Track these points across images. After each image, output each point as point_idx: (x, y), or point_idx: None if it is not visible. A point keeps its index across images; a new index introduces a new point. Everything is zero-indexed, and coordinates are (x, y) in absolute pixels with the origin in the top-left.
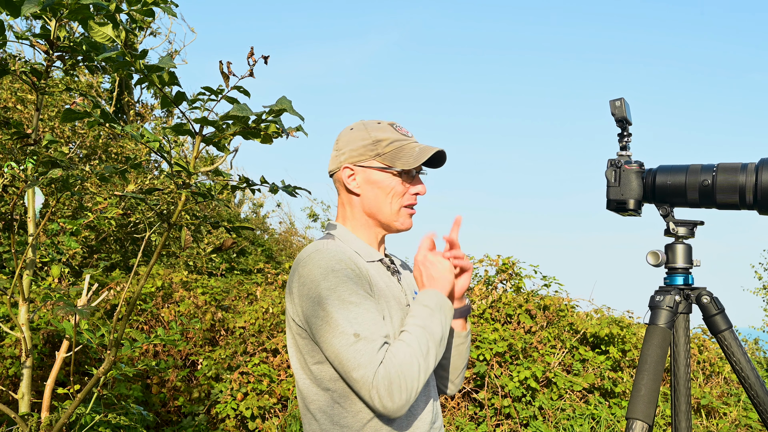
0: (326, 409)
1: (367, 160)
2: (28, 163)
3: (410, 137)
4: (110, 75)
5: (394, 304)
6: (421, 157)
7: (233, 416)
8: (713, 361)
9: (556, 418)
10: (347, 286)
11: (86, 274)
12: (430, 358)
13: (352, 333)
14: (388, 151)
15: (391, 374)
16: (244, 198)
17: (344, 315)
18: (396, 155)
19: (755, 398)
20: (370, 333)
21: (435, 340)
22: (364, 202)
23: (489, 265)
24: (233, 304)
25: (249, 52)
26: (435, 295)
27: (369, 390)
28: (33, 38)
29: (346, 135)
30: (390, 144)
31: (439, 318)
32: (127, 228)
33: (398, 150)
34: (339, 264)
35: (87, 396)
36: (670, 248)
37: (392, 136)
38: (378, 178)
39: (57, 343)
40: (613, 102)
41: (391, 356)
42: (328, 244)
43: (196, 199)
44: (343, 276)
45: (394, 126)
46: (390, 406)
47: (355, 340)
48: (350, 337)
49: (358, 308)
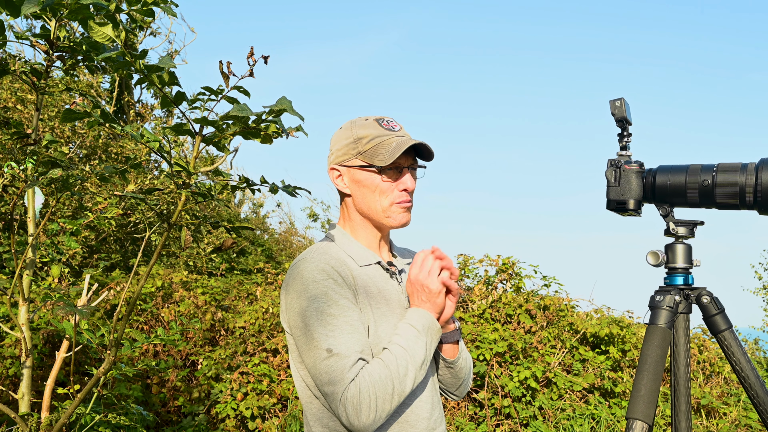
0: (317, 413)
1: (350, 159)
2: (28, 163)
3: (395, 131)
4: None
5: (394, 306)
6: (395, 152)
7: (233, 416)
8: (713, 361)
9: (556, 418)
10: (327, 297)
11: (86, 274)
12: (407, 381)
13: (326, 348)
14: (368, 148)
15: (362, 393)
16: (244, 198)
17: (320, 329)
18: (375, 152)
19: (755, 398)
20: (344, 349)
21: (416, 363)
22: (355, 201)
23: (489, 265)
24: (233, 304)
25: (249, 52)
26: (424, 317)
27: (337, 406)
28: (33, 38)
29: (335, 135)
30: (370, 141)
31: (425, 341)
32: (127, 228)
33: (377, 146)
34: (321, 274)
35: (87, 396)
36: (670, 248)
37: (373, 132)
38: (361, 177)
39: (57, 343)
40: (613, 102)
41: (365, 374)
42: (318, 251)
43: (196, 199)
44: (323, 287)
45: (381, 121)
46: (356, 424)
47: (327, 356)
48: (323, 352)
49: (336, 320)
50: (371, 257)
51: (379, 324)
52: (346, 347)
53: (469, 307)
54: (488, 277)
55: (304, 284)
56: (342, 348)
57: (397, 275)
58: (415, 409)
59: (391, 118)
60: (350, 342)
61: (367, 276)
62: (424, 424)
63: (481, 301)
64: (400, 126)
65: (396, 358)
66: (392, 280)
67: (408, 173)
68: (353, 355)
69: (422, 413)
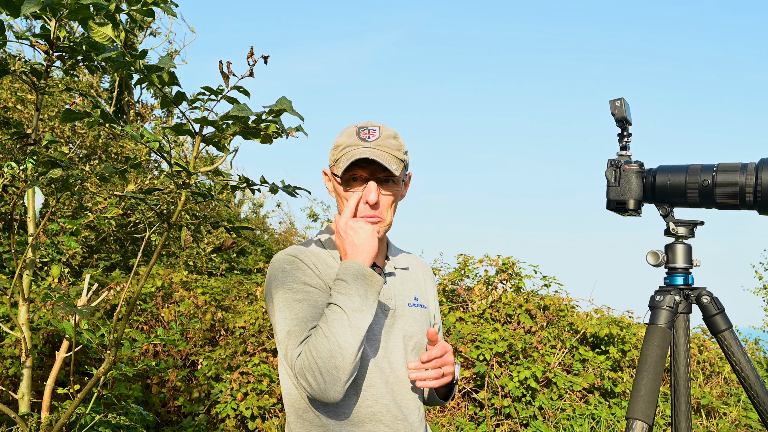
0: (294, 402)
1: (331, 166)
2: (28, 163)
3: (367, 141)
4: (110, 75)
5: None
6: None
7: (233, 416)
8: (713, 361)
9: (556, 418)
10: (293, 283)
11: (86, 274)
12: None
13: (287, 331)
14: (338, 157)
15: (307, 361)
16: (244, 198)
17: (283, 313)
18: (340, 161)
19: (755, 398)
20: (300, 328)
21: (352, 310)
22: (338, 207)
23: (489, 265)
24: (233, 304)
25: (249, 52)
26: (353, 266)
27: (296, 380)
28: (33, 38)
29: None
30: (341, 150)
31: (356, 289)
32: (127, 228)
33: (342, 156)
34: (291, 264)
35: (87, 396)
36: (670, 248)
37: (346, 141)
38: (333, 184)
39: (57, 343)
40: (613, 102)
41: (308, 346)
42: (288, 250)
43: (196, 199)
44: (291, 275)
45: (361, 130)
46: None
47: (286, 337)
48: (285, 333)
49: (301, 304)
50: None
51: None
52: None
53: (469, 307)
54: (488, 277)
55: (274, 274)
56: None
57: (384, 276)
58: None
59: (376, 126)
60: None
61: None
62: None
63: (481, 301)
64: (379, 136)
65: (328, 317)
66: None
67: (372, 186)
68: (305, 332)
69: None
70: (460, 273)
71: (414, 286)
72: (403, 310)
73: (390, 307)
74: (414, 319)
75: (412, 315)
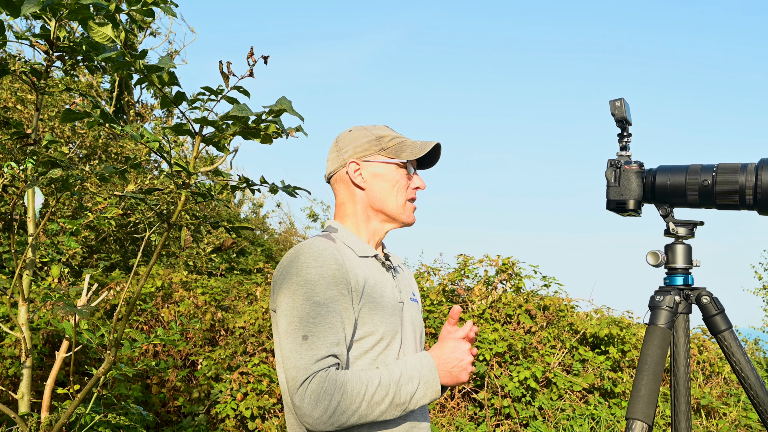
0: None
1: (372, 155)
2: (28, 163)
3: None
4: (110, 75)
5: (388, 299)
6: (425, 148)
7: (233, 416)
8: (713, 361)
9: (556, 418)
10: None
11: (86, 274)
12: (377, 410)
13: (302, 335)
14: (392, 145)
15: (325, 391)
16: (243, 198)
17: (299, 318)
18: (399, 149)
19: (755, 398)
20: (321, 342)
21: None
22: (369, 195)
23: (489, 265)
24: (233, 304)
25: (249, 52)
26: (434, 376)
27: (295, 393)
28: (33, 38)
29: (347, 136)
30: (392, 140)
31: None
32: (127, 228)
33: (401, 144)
34: (318, 270)
35: (87, 396)
36: (670, 248)
37: (392, 133)
38: (383, 170)
39: (57, 343)
40: (613, 102)
41: (337, 376)
42: (316, 244)
43: (196, 199)
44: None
45: (388, 128)
46: (307, 419)
47: (300, 339)
48: (299, 335)
49: (321, 311)
50: (369, 250)
51: (373, 314)
52: (323, 338)
53: (469, 307)
54: (488, 277)
55: (300, 281)
56: (318, 340)
57: (393, 270)
58: None
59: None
60: (330, 336)
61: (366, 266)
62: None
63: (480, 301)
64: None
65: (380, 383)
66: (387, 273)
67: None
68: (324, 349)
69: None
70: (460, 273)
71: (410, 282)
72: (409, 303)
73: (401, 300)
74: (417, 312)
75: (415, 309)
